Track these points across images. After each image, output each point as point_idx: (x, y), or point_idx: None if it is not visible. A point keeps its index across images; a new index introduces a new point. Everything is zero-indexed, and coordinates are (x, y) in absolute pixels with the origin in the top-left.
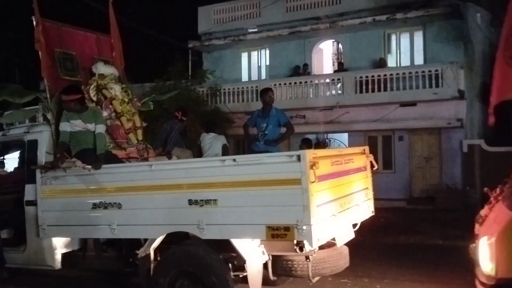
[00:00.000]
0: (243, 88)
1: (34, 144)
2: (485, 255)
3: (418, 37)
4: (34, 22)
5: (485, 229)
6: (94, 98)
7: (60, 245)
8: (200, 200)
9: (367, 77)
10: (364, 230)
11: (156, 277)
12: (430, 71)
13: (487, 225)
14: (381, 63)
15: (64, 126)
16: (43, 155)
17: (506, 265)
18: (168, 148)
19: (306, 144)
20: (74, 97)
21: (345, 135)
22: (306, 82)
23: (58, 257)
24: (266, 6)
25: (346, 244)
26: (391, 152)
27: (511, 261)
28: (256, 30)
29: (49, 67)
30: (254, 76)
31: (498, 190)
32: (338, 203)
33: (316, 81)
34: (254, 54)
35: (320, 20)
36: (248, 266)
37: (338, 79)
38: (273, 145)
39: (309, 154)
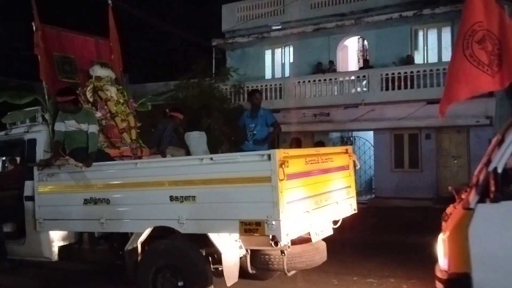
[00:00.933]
0: (266, 85)
1: (33, 142)
2: (441, 251)
3: (446, 33)
4: (34, 28)
5: (445, 227)
6: (91, 99)
7: (57, 238)
8: (180, 196)
9: (393, 74)
10: (390, 230)
11: (141, 269)
12: None
13: (448, 223)
14: (408, 60)
15: (59, 126)
16: (41, 153)
17: (457, 261)
18: (162, 147)
19: (296, 143)
20: (68, 98)
21: (371, 133)
22: (330, 79)
23: (55, 249)
24: (290, 3)
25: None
26: (418, 150)
27: (461, 256)
28: (280, 27)
29: (48, 70)
30: (278, 74)
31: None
32: (313, 200)
33: (341, 78)
34: (278, 51)
35: (345, 16)
36: (224, 259)
37: (364, 76)
38: (261, 144)
39: (279, 153)
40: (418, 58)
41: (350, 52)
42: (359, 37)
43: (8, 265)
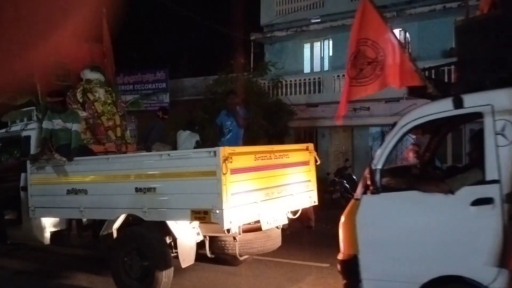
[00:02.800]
0: (305, 80)
1: (28, 139)
2: (340, 235)
3: None
4: None
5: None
6: (80, 100)
7: (48, 225)
8: (144, 188)
9: (436, 67)
10: None
11: (113, 252)
12: None
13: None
14: (452, 53)
15: (47, 124)
16: (34, 148)
17: (348, 244)
18: (148, 143)
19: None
20: (57, 100)
21: None
22: None
23: (47, 235)
24: None
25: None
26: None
27: (351, 240)
28: (319, 20)
29: (42, 74)
30: (317, 68)
31: None
32: (264, 192)
33: None
34: (317, 45)
35: (386, 8)
36: (179, 243)
37: None
38: (236, 141)
39: (223, 150)
40: None
41: None
42: (401, 29)
43: (10, 246)
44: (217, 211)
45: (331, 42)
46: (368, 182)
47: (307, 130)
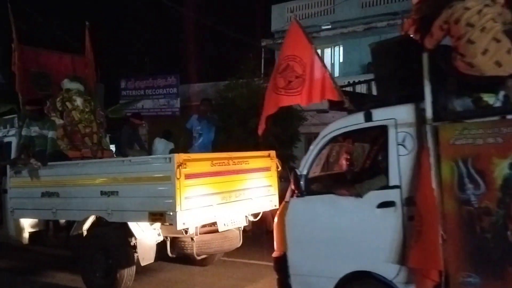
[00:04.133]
0: None
1: (9, 145)
2: (274, 235)
3: None
4: (13, 48)
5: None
6: (60, 108)
7: (27, 225)
8: (108, 191)
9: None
10: None
11: (82, 250)
12: None
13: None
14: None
15: (26, 131)
16: (15, 154)
17: (280, 243)
18: (122, 150)
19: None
20: (35, 108)
21: None
22: None
23: (26, 235)
24: (340, 2)
25: None
26: None
27: (282, 239)
28: (329, 27)
29: (24, 84)
30: None
31: None
32: (221, 196)
33: None
34: (328, 51)
35: (397, 15)
36: (138, 243)
37: None
38: (206, 147)
39: (177, 157)
40: None
41: None
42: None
43: None
44: (171, 213)
45: (341, 48)
46: (293, 187)
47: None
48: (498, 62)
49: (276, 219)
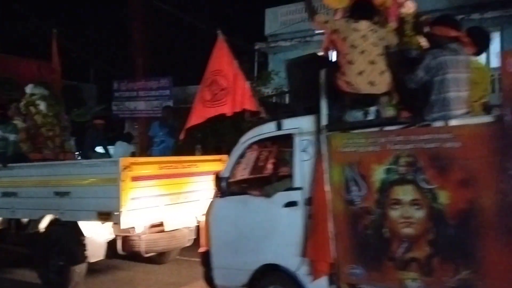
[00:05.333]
0: None
1: None
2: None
3: (495, 38)
4: None
5: None
6: (24, 112)
7: None
8: (61, 192)
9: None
10: None
11: (37, 248)
12: None
13: None
14: None
15: None
16: None
17: (205, 239)
18: (87, 152)
19: None
20: None
21: None
22: None
23: None
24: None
25: None
26: None
27: (207, 236)
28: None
29: None
30: None
31: None
32: (168, 198)
33: None
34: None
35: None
36: (88, 241)
37: None
38: (167, 151)
39: (123, 160)
40: None
41: None
42: None
43: None
44: (116, 213)
45: (334, 53)
46: (215, 188)
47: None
48: (372, 82)
49: (203, 217)
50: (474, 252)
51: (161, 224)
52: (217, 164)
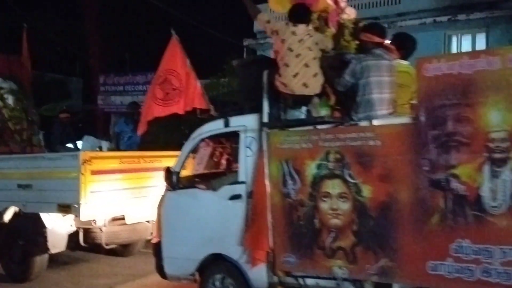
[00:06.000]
0: None
1: None
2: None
3: (481, 39)
4: None
5: None
6: None
7: None
8: (23, 184)
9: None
10: None
11: (3, 239)
12: None
13: None
14: None
15: None
16: None
17: (157, 231)
18: (55, 146)
19: None
20: None
21: None
22: None
23: None
24: None
25: None
26: None
27: (158, 227)
28: None
29: None
30: None
31: None
32: (130, 191)
33: None
34: None
35: (378, 20)
36: (49, 233)
37: None
38: (134, 147)
39: (83, 154)
40: None
41: None
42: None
43: None
44: (76, 206)
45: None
46: (166, 182)
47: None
48: (305, 84)
49: (155, 210)
50: (391, 241)
51: (122, 217)
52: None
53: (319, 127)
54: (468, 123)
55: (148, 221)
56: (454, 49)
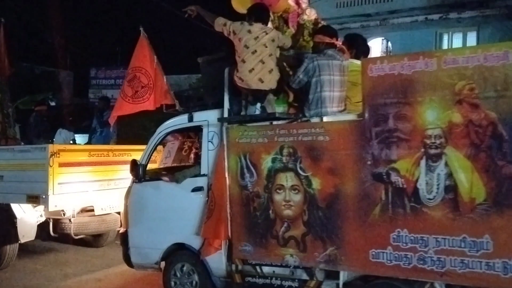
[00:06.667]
0: None
1: None
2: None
3: (472, 38)
4: None
5: None
6: None
7: None
8: None
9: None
10: None
11: None
12: None
13: None
14: None
15: None
16: None
17: (124, 221)
18: (29, 137)
19: None
20: None
21: None
22: None
23: None
24: (316, 1)
25: None
26: None
27: (125, 218)
28: None
29: None
30: None
31: None
32: (98, 183)
33: None
34: None
35: (370, 17)
36: (18, 222)
37: None
38: (105, 139)
39: (51, 147)
40: None
41: (373, 53)
42: (383, 38)
43: None
44: (44, 196)
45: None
46: (131, 174)
47: None
48: (261, 79)
49: (123, 201)
50: (337, 231)
51: (91, 209)
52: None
53: (274, 123)
54: (407, 120)
55: (118, 213)
56: (445, 47)
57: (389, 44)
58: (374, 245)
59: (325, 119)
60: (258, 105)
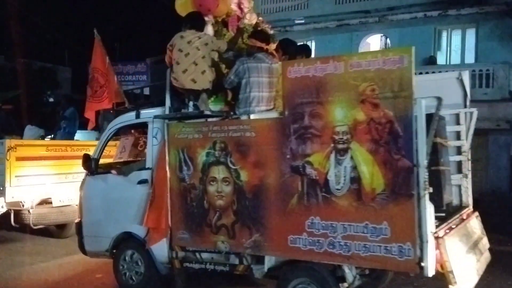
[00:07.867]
0: None
1: None
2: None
3: (470, 34)
4: None
5: None
6: None
7: None
8: None
9: (415, 74)
10: None
11: None
12: (481, 70)
13: None
14: (431, 61)
15: None
16: None
17: (78, 211)
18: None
19: None
20: None
21: None
22: None
23: None
24: None
25: None
26: None
27: (80, 208)
28: (303, 21)
29: None
30: None
31: None
32: (56, 177)
33: None
34: None
35: (369, 13)
36: None
37: None
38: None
39: (8, 141)
40: (441, 59)
41: (372, 49)
42: (382, 35)
43: None
44: (1, 188)
45: (314, 43)
46: (84, 167)
47: None
48: (194, 80)
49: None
50: (261, 219)
51: (50, 201)
52: (110, 148)
53: (209, 120)
54: (320, 118)
55: (76, 205)
56: (444, 44)
57: (388, 40)
58: (292, 232)
59: (252, 116)
60: (191, 103)
